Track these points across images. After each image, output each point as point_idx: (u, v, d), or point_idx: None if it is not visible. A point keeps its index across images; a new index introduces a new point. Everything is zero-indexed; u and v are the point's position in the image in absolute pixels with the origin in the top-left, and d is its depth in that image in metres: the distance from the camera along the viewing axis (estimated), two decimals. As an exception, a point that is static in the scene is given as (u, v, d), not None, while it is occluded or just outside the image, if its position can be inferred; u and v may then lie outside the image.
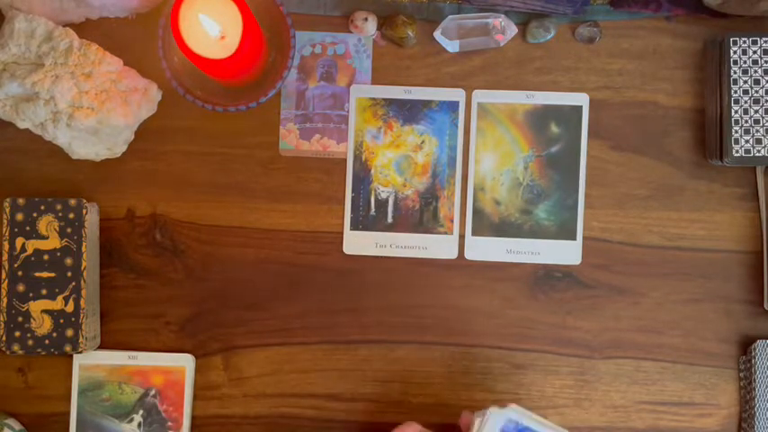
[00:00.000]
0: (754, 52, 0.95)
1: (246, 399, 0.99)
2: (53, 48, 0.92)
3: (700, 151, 0.99)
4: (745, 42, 0.95)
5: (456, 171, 0.99)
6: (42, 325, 0.94)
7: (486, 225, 0.99)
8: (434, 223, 0.99)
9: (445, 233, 0.99)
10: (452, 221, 0.99)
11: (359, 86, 0.99)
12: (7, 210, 0.94)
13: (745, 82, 0.95)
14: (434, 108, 0.99)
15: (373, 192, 1.00)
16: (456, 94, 0.99)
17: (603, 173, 0.99)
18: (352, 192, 1.00)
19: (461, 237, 0.99)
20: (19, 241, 0.94)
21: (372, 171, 0.99)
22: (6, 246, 0.94)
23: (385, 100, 1.00)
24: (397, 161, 1.00)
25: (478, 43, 0.98)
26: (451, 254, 0.99)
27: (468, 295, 0.99)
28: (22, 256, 0.94)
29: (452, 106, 0.99)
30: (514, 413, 0.83)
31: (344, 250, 0.99)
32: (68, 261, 0.94)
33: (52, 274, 0.94)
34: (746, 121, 0.95)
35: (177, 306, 0.99)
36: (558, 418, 0.98)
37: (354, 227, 1.00)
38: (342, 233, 0.99)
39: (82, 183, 0.99)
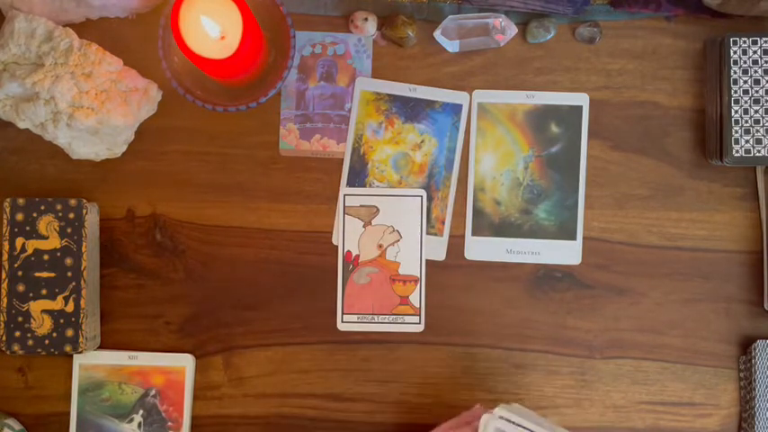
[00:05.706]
0: (754, 52, 0.95)
1: (246, 399, 0.99)
2: (53, 48, 0.92)
3: (700, 151, 0.99)
4: (745, 42, 0.95)
5: (453, 174, 0.99)
6: (42, 325, 0.94)
7: (486, 225, 0.99)
8: (426, 224, 0.99)
9: (435, 234, 0.99)
10: (444, 223, 0.99)
11: (364, 79, 0.99)
12: (7, 210, 0.94)
13: (745, 82, 0.95)
14: (438, 109, 0.99)
15: (368, 186, 0.99)
16: (460, 97, 0.99)
17: (603, 173, 0.99)
18: (347, 185, 0.99)
19: (452, 239, 0.99)
20: (19, 241, 0.94)
21: (369, 165, 0.99)
22: (6, 246, 0.94)
23: (389, 96, 0.99)
24: (395, 158, 0.99)
25: (478, 43, 0.98)
26: (440, 256, 0.99)
27: (468, 295, 0.99)
28: (22, 256, 0.94)
29: (456, 109, 0.99)
30: (500, 419, 0.83)
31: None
32: (68, 261, 0.94)
33: (52, 274, 0.94)
34: (746, 121, 0.95)
35: (177, 306, 0.99)
36: (558, 418, 0.98)
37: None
38: (342, 233, 1.00)
39: (82, 183, 0.99)
